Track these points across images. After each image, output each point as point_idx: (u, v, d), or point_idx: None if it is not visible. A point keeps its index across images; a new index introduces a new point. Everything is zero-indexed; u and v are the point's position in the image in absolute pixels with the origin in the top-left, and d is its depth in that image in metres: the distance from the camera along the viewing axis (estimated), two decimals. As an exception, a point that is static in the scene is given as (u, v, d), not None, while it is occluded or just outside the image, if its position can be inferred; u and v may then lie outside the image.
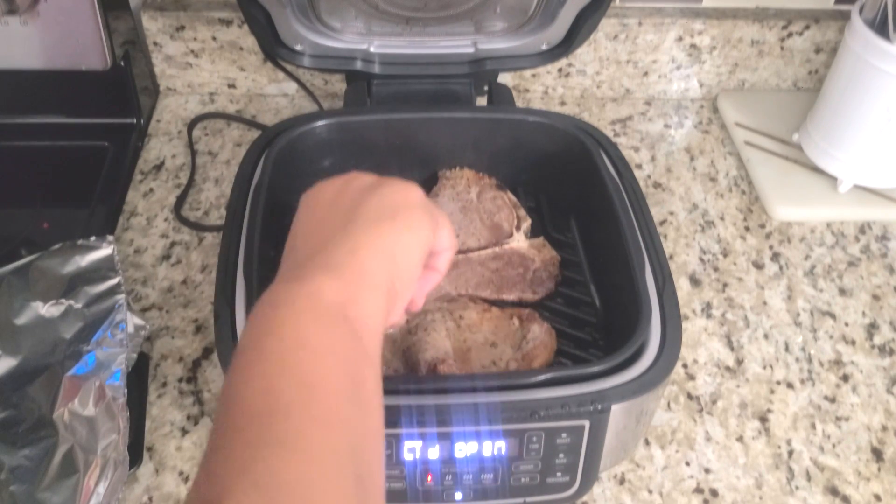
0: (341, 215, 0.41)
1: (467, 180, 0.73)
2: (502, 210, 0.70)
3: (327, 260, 0.39)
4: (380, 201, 0.41)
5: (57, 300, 0.64)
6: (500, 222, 0.70)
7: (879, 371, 0.70)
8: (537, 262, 0.67)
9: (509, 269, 0.67)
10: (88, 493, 0.54)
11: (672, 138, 0.93)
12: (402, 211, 0.41)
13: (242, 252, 0.58)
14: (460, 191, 0.72)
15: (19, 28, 0.76)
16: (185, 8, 0.88)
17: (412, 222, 0.41)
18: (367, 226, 0.40)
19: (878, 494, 0.62)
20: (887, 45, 0.73)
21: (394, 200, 0.42)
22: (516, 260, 0.67)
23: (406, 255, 0.41)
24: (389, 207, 0.41)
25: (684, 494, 0.61)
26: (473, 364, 0.60)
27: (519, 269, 0.67)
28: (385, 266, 0.39)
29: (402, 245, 0.40)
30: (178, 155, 0.87)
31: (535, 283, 0.66)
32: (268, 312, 0.36)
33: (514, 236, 0.69)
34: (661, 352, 0.54)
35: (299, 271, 0.38)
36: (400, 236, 0.40)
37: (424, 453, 0.52)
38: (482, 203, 0.71)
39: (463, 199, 0.72)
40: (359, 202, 0.41)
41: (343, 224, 0.40)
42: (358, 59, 0.77)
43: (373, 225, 0.40)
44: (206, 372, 0.67)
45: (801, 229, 0.82)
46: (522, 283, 0.66)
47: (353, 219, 0.40)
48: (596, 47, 0.92)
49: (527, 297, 0.66)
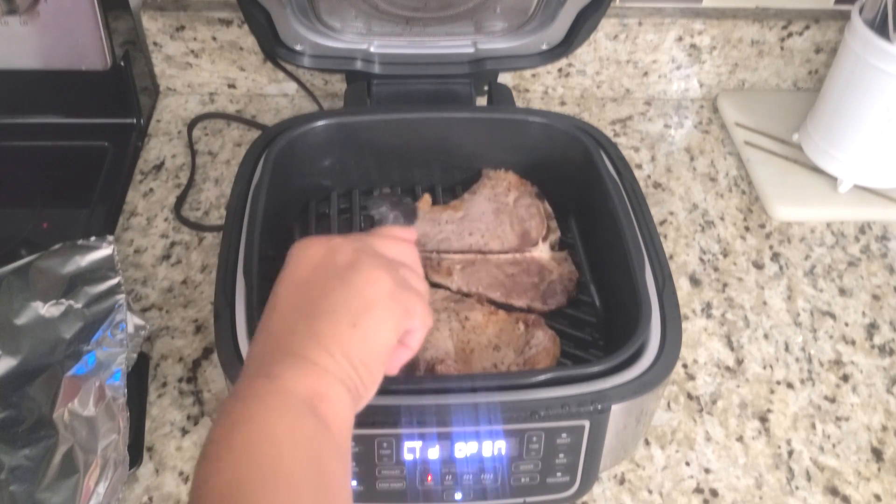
0: (313, 300, 0.42)
1: (509, 183, 0.73)
2: (534, 218, 0.70)
3: (292, 353, 0.40)
4: (348, 295, 0.41)
5: (57, 300, 0.64)
6: (529, 230, 0.70)
7: (879, 371, 0.70)
8: (554, 275, 0.67)
9: (524, 277, 0.67)
10: (88, 493, 0.54)
11: (672, 138, 0.93)
12: (369, 309, 0.41)
13: (242, 252, 0.58)
14: (499, 192, 0.72)
15: (19, 28, 0.76)
16: (185, 8, 0.88)
17: (378, 319, 0.42)
18: (334, 322, 0.41)
19: (878, 494, 0.62)
20: (887, 45, 0.73)
21: (362, 296, 0.42)
22: (534, 269, 0.67)
23: (370, 352, 0.41)
24: (357, 304, 0.41)
25: (684, 494, 0.61)
26: (474, 366, 0.60)
27: (534, 279, 0.67)
28: (347, 364, 0.40)
29: (367, 343, 0.41)
30: (178, 155, 0.87)
31: (548, 295, 0.66)
32: (238, 406, 0.38)
33: (538, 246, 0.68)
34: (661, 352, 0.54)
35: (268, 367, 0.39)
36: (365, 337, 0.41)
37: (424, 453, 0.52)
38: (517, 209, 0.71)
39: (499, 201, 0.72)
40: (329, 290, 0.42)
41: (313, 312, 0.41)
42: (358, 59, 0.77)
43: (339, 322, 0.41)
44: (206, 372, 0.67)
45: (801, 229, 0.82)
46: (534, 291, 0.66)
47: (322, 310, 0.41)
48: (596, 47, 0.92)
49: (536, 305, 0.65)
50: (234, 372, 0.51)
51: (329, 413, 0.38)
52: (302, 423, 0.37)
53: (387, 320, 0.42)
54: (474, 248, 0.69)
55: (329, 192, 0.74)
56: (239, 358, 0.52)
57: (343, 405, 0.39)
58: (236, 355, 0.52)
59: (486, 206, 0.72)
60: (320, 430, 0.37)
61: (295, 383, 0.38)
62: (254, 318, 0.54)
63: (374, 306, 0.42)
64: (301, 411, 0.37)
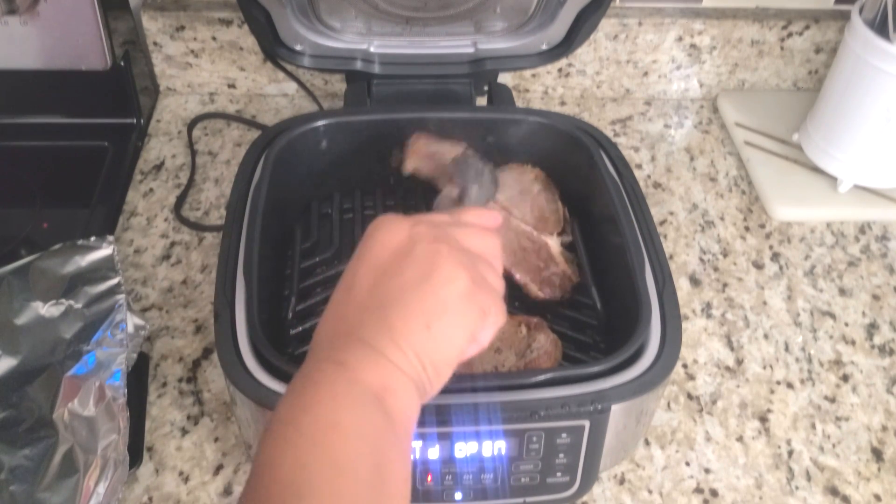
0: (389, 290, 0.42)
1: (536, 175, 0.72)
2: (553, 213, 0.70)
3: (365, 342, 0.40)
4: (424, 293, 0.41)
5: (57, 300, 0.64)
6: (546, 221, 0.69)
7: (879, 371, 0.70)
8: (559, 268, 0.67)
9: (533, 256, 0.66)
10: (88, 493, 0.54)
11: (672, 138, 0.93)
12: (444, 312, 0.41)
13: (242, 252, 0.58)
14: (525, 179, 0.72)
15: (19, 28, 0.76)
16: (185, 8, 0.88)
17: (452, 322, 0.41)
18: (409, 319, 0.40)
19: (878, 494, 0.62)
20: (887, 45, 0.73)
21: (438, 296, 0.41)
22: (544, 254, 0.67)
23: (442, 354, 0.41)
24: (432, 305, 0.41)
25: (684, 494, 0.61)
26: (475, 368, 0.60)
27: (540, 263, 0.67)
28: (419, 363, 0.40)
29: (439, 346, 0.41)
30: (178, 155, 0.87)
31: (546, 283, 0.66)
32: (309, 389, 0.38)
33: (552, 237, 0.69)
34: (661, 352, 0.54)
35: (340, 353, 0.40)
36: (437, 339, 0.41)
37: (424, 453, 0.52)
38: (539, 198, 0.71)
39: (524, 186, 0.71)
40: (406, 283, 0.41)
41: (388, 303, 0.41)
42: (358, 59, 0.77)
43: (414, 321, 0.40)
44: (206, 372, 0.67)
45: (801, 229, 0.82)
46: (536, 273, 0.66)
47: (397, 303, 0.41)
48: (596, 47, 0.92)
49: (531, 288, 0.65)
50: (234, 372, 0.51)
51: (395, 408, 0.39)
52: (369, 415, 0.37)
53: (461, 324, 0.42)
54: (501, 203, 0.69)
55: (330, 192, 0.74)
56: (239, 358, 0.52)
57: (409, 401, 0.40)
58: (236, 355, 0.52)
59: (512, 184, 0.71)
60: (386, 425, 0.38)
61: (365, 374, 0.38)
62: (254, 318, 0.54)
63: (449, 309, 0.41)
64: (369, 404, 0.38)
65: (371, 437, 0.37)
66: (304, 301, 0.64)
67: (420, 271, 0.42)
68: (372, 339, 0.40)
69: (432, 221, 0.45)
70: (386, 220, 0.45)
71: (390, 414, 0.38)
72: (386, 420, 0.38)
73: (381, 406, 0.38)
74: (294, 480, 0.34)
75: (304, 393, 0.38)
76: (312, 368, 0.40)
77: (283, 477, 0.34)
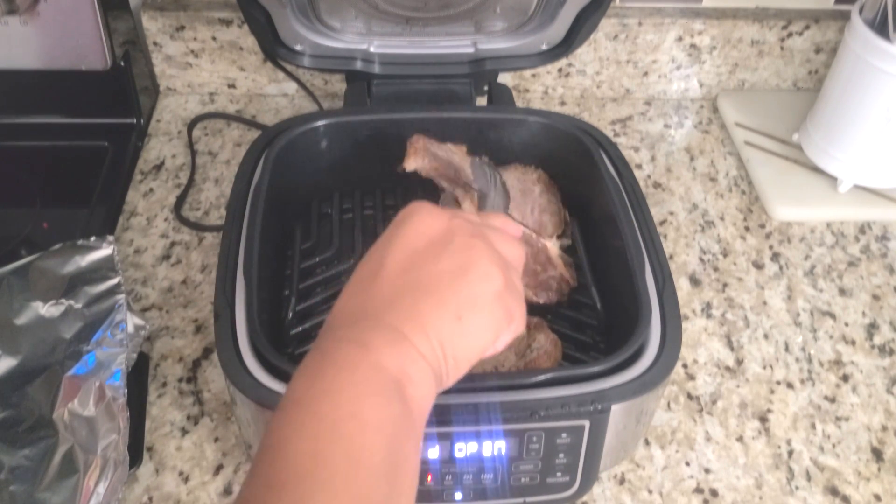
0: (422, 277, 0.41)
1: (538, 176, 0.72)
2: (554, 215, 0.70)
3: (392, 327, 0.39)
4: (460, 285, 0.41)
5: (57, 300, 0.64)
6: (546, 223, 0.69)
7: (879, 371, 0.70)
8: (557, 272, 0.67)
9: (531, 260, 0.66)
10: (88, 493, 0.54)
11: (672, 138, 0.93)
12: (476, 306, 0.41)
13: (242, 252, 0.58)
14: (527, 179, 0.72)
15: (19, 28, 0.76)
16: (185, 8, 0.88)
17: (482, 318, 0.41)
18: (440, 308, 0.40)
19: (878, 494, 0.62)
20: (887, 45, 0.73)
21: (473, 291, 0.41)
22: (542, 257, 0.67)
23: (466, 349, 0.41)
24: (466, 297, 0.41)
25: (684, 494, 0.61)
26: (475, 367, 0.60)
27: (538, 266, 0.66)
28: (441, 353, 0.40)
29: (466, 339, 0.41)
30: (178, 155, 0.87)
31: (542, 287, 0.66)
32: (327, 370, 0.37)
33: (551, 240, 0.68)
34: (661, 352, 0.54)
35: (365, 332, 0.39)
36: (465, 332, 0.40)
37: (424, 453, 0.52)
38: (540, 199, 0.71)
39: (526, 186, 0.71)
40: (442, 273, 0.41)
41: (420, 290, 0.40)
42: (358, 59, 0.77)
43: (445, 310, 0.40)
44: (206, 372, 0.67)
45: (801, 229, 0.82)
46: (533, 278, 0.66)
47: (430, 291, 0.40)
48: (596, 47, 0.92)
49: (527, 293, 0.65)
50: (234, 372, 0.51)
51: (413, 396, 0.38)
52: (389, 405, 0.36)
53: (490, 322, 0.42)
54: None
55: (330, 192, 0.74)
56: (239, 358, 0.52)
57: (427, 390, 0.39)
58: (236, 355, 0.52)
59: (514, 184, 0.71)
60: (404, 415, 0.37)
61: (388, 359, 0.37)
62: (254, 318, 0.54)
63: (481, 305, 0.41)
64: (390, 392, 0.37)
65: (389, 429, 0.36)
66: (304, 301, 0.64)
67: (457, 263, 0.41)
68: (399, 322, 0.39)
69: (468, 218, 0.45)
70: (422, 207, 0.44)
71: (408, 403, 0.37)
72: (404, 410, 0.37)
73: (401, 395, 0.37)
74: (309, 471, 0.33)
75: (324, 374, 0.37)
76: (332, 347, 0.38)
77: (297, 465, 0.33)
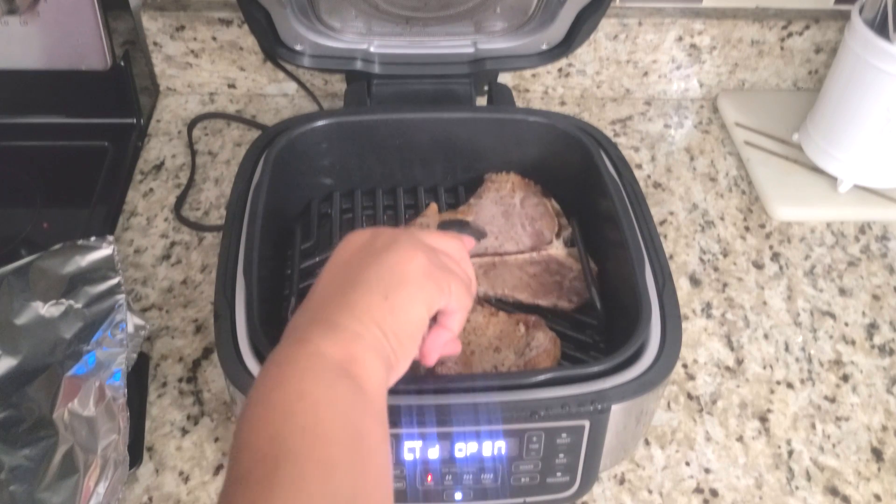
0: (349, 276, 0.44)
1: (513, 184, 0.73)
2: (544, 217, 0.70)
3: (327, 321, 0.42)
4: (382, 270, 0.44)
5: (57, 300, 0.64)
6: (542, 229, 0.69)
7: (879, 371, 0.70)
8: (574, 271, 0.67)
9: (546, 276, 0.66)
10: (88, 493, 0.54)
11: (672, 138, 0.93)
12: (402, 284, 0.43)
13: (242, 252, 0.58)
14: (504, 195, 0.72)
15: (19, 28, 0.76)
16: (185, 8, 0.88)
17: (410, 293, 0.43)
18: (367, 294, 0.43)
19: (878, 494, 0.62)
20: (887, 45, 0.73)
21: (396, 272, 0.44)
22: (554, 267, 0.67)
23: (402, 324, 0.43)
24: (390, 278, 0.43)
25: (684, 494, 0.61)
26: (475, 367, 0.60)
27: (556, 277, 0.66)
28: (380, 332, 0.42)
29: (398, 315, 0.43)
30: (178, 155, 0.87)
31: (571, 292, 0.66)
32: (273, 370, 0.39)
33: (553, 243, 0.68)
34: (661, 352, 0.54)
35: (303, 333, 0.41)
36: (395, 308, 0.43)
37: (424, 453, 0.52)
38: (525, 209, 0.71)
39: (506, 204, 0.72)
40: (365, 266, 0.44)
41: (348, 286, 0.43)
42: (358, 59, 0.77)
43: (372, 294, 0.43)
44: (206, 372, 0.67)
45: (801, 229, 0.82)
46: (559, 290, 0.66)
47: (356, 284, 0.43)
48: (596, 47, 0.92)
49: (562, 304, 0.65)
50: (234, 372, 0.51)
51: (363, 375, 0.40)
52: (337, 383, 0.38)
53: (418, 295, 0.44)
54: (490, 252, 0.69)
55: (330, 192, 0.74)
56: (239, 358, 0.52)
57: (376, 369, 0.41)
58: (236, 355, 0.52)
59: (494, 210, 0.71)
60: (355, 391, 0.39)
61: (327, 347, 0.40)
62: (254, 318, 0.54)
63: (406, 281, 0.43)
64: (335, 373, 0.39)
65: (341, 404, 0.38)
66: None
67: (378, 256, 0.44)
68: (333, 315, 0.42)
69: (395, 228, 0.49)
70: (353, 232, 0.48)
71: (359, 382, 0.39)
72: (355, 388, 0.39)
73: (348, 375, 0.39)
74: (269, 453, 0.35)
75: (270, 374, 0.39)
76: (278, 353, 0.41)
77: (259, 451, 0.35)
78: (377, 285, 0.43)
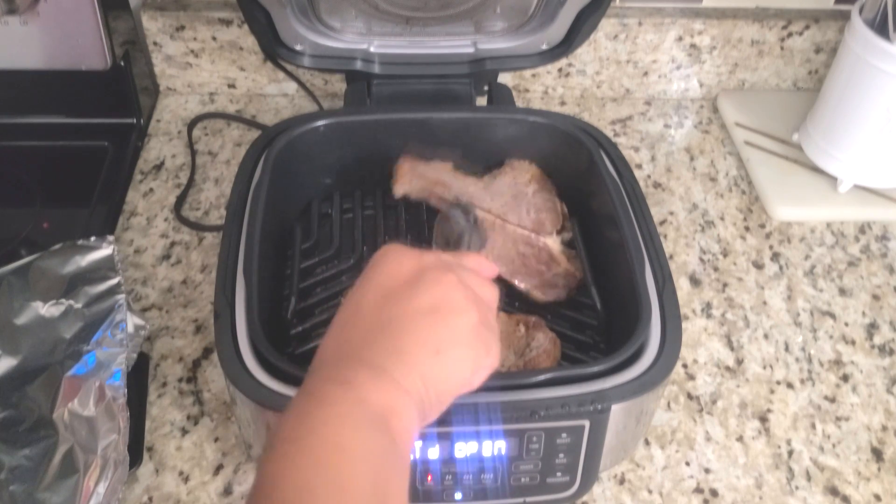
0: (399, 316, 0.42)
1: (532, 175, 0.72)
2: (550, 212, 0.70)
3: (373, 364, 0.40)
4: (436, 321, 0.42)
5: (57, 300, 0.64)
6: (544, 221, 0.69)
7: (879, 371, 0.70)
8: (561, 268, 0.67)
9: (533, 261, 0.67)
10: (88, 493, 0.54)
11: (672, 138, 0.93)
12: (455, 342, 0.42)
13: (242, 252, 0.58)
14: (520, 182, 0.72)
15: (19, 28, 0.76)
16: (185, 8, 0.88)
17: (461, 353, 0.42)
18: (419, 345, 0.41)
19: (878, 494, 0.62)
20: (887, 45, 0.73)
21: (450, 326, 0.42)
22: (544, 256, 0.67)
23: (446, 382, 0.42)
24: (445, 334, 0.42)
25: (684, 494, 0.61)
26: None
27: (542, 266, 0.67)
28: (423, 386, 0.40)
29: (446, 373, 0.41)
30: (178, 155, 0.87)
31: (548, 286, 0.66)
32: (312, 407, 0.38)
33: (552, 236, 0.69)
34: (661, 352, 0.54)
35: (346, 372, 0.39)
36: (445, 366, 0.41)
37: (424, 453, 0.52)
38: (535, 199, 0.71)
39: (519, 190, 0.71)
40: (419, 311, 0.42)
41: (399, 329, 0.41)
42: (358, 59, 0.77)
43: (424, 346, 0.41)
44: (206, 372, 0.67)
45: (801, 229, 0.82)
46: (538, 278, 0.66)
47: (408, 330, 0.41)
48: (596, 47, 0.92)
49: (535, 294, 0.65)
50: (234, 372, 0.51)
51: (399, 429, 0.38)
52: (374, 437, 0.37)
53: (468, 356, 0.42)
54: (495, 212, 0.69)
55: (331, 192, 0.74)
56: (239, 358, 0.52)
57: (412, 423, 0.40)
58: (236, 355, 0.52)
59: (505, 190, 0.71)
60: (389, 447, 0.38)
61: (372, 395, 0.38)
62: (254, 318, 0.54)
63: (459, 340, 0.42)
64: (375, 425, 0.38)
65: (374, 459, 0.37)
66: (304, 301, 0.64)
67: (431, 299, 0.42)
68: (380, 359, 0.40)
69: (439, 257, 0.46)
70: (394, 249, 0.45)
71: (393, 435, 0.38)
72: (389, 442, 0.38)
73: (386, 427, 0.38)
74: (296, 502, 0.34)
75: (309, 412, 0.38)
76: (316, 388, 0.39)
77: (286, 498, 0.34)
78: (430, 337, 0.41)
